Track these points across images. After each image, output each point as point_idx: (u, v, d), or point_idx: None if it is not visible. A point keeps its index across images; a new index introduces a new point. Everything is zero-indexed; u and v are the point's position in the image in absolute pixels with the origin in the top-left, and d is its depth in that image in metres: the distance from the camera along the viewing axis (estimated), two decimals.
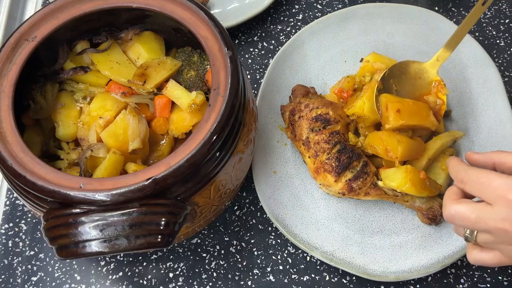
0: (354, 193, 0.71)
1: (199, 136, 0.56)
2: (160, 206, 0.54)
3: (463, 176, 0.56)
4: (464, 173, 0.56)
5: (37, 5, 0.97)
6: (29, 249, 0.75)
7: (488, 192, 0.53)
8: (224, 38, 0.61)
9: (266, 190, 0.75)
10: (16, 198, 0.79)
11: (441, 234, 0.72)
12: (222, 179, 0.61)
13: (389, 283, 0.72)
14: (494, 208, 0.52)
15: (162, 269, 0.73)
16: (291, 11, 0.93)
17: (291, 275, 0.72)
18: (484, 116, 0.78)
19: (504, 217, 0.51)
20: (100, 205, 0.53)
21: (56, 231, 0.53)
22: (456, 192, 0.57)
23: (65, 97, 0.68)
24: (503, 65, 0.86)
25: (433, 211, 0.70)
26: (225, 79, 0.59)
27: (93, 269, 0.74)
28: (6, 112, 0.58)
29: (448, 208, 0.56)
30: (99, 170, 0.62)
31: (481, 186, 0.54)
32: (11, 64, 0.61)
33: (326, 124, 0.73)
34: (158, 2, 0.64)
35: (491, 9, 0.91)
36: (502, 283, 0.71)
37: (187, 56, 0.70)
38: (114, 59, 0.69)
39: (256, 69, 0.88)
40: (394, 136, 0.70)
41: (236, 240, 0.75)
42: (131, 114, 0.65)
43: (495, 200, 0.52)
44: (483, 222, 0.53)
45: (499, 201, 0.52)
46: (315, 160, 0.72)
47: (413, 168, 0.69)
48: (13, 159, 0.55)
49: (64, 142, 0.68)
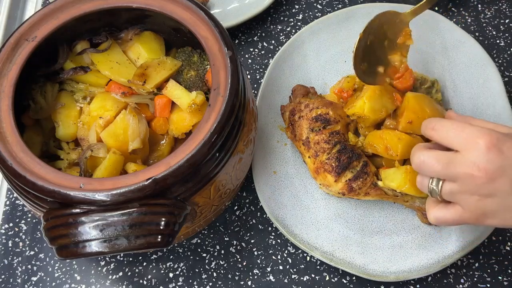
0: (354, 193, 0.71)
1: (199, 136, 0.56)
2: (160, 206, 0.54)
3: (435, 124, 0.56)
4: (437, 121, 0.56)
5: (37, 5, 0.97)
6: (29, 249, 0.75)
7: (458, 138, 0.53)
8: (224, 38, 0.61)
9: (266, 190, 0.75)
10: (16, 198, 0.79)
11: (441, 234, 0.72)
12: (222, 179, 0.61)
13: (389, 283, 0.72)
14: (464, 153, 0.52)
15: (162, 269, 0.73)
16: (291, 11, 0.93)
17: (291, 275, 0.73)
18: (484, 116, 0.78)
19: (473, 161, 0.51)
20: (100, 205, 0.53)
21: (56, 231, 0.53)
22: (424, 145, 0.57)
23: (65, 97, 0.68)
24: (503, 65, 0.86)
25: None
26: (225, 79, 0.59)
27: (93, 269, 0.74)
28: (6, 112, 0.58)
29: (417, 155, 0.55)
30: (99, 170, 0.62)
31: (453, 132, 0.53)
32: (11, 64, 0.61)
33: (326, 124, 0.73)
34: (158, 2, 0.64)
35: (491, 9, 0.91)
36: (502, 283, 0.71)
37: (187, 56, 0.70)
38: (114, 59, 0.69)
39: (256, 69, 0.88)
40: (395, 134, 0.70)
41: (236, 240, 0.75)
42: (131, 114, 0.65)
43: (465, 147, 0.52)
44: (452, 167, 0.52)
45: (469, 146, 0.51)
46: (315, 160, 0.73)
47: (413, 169, 0.69)
48: (13, 159, 0.55)
49: (64, 142, 0.68)
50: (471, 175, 0.51)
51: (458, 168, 0.52)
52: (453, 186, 0.54)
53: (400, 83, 0.75)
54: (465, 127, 0.53)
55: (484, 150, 0.51)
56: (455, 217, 0.56)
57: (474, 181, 0.51)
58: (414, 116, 0.70)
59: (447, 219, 0.56)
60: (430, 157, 0.54)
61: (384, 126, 0.73)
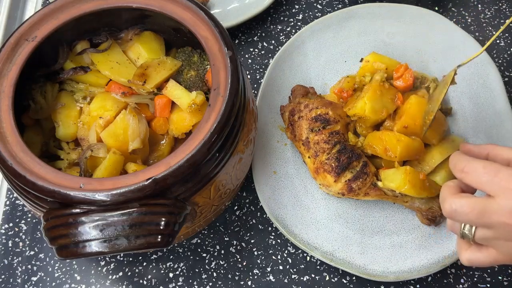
0: (354, 193, 0.71)
1: (199, 136, 0.56)
2: (160, 206, 0.53)
3: (465, 165, 0.53)
4: (466, 162, 0.53)
5: (37, 5, 0.97)
6: (29, 249, 0.75)
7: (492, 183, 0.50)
8: (224, 38, 0.61)
9: (266, 190, 0.75)
10: (16, 198, 0.79)
11: (441, 234, 0.72)
12: (222, 179, 0.61)
13: (389, 283, 0.72)
14: (498, 200, 0.49)
15: (162, 269, 0.73)
16: (291, 11, 0.93)
17: (291, 275, 0.73)
18: (484, 116, 0.78)
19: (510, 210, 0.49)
20: (100, 205, 0.53)
21: (56, 231, 0.53)
22: (454, 187, 0.55)
23: (65, 97, 0.68)
24: (503, 65, 0.86)
25: (433, 211, 0.70)
26: (225, 79, 0.59)
27: (93, 269, 0.74)
28: (6, 112, 0.58)
29: (449, 202, 0.53)
30: (99, 170, 0.62)
31: (485, 176, 0.51)
32: (11, 64, 0.61)
33: (325, 124, 0.73)
34: (158, 2, 0.64)
35: (491, 9, 0.91)
36: (502, 283, 0.71)
37: (187, 56, 0.70)
38: (114, 59, 0.69)
39: (256, 69, 0.88)
40: (394, 136, 0.70)
41: (236, 240, 0.75)
42: (131, 114, 0.65)
43: (499, 192, 0.50)
44: (487, 216, 0.50)
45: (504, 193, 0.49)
46: (315, 160, 0.72)
47: (412, 169, 0.69)
48: (13, 159, 0.55)
49: (64, 142, 0.68)
50: (507, 224, 0.49)
51: (494, 217, 0.50)
52: (487, 233, 0.52)
53: (400, 83, 0.75)
54: (498, 171, 0.51)
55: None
56: (490, 260, 0.54)
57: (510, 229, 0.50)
58: (411, 122, 0.70)
59: (481, 262, 0.55)
60: (462, 206, 0.52)
61: (384, 127, 0.73)
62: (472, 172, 0.53)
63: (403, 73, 0.75)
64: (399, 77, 0.75)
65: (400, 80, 0.75)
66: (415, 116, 0.70)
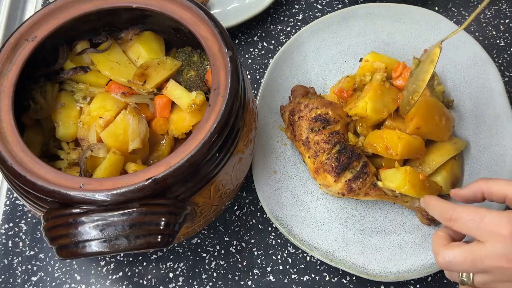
0: (354, 193, 0.71)
1: (199, 136, 0.56)
2: (160, 206, 0.54)
3: (451, 214, 0.55)
4: (452, 211, 0.55)
5: (37, 5, 0.97)
6: (29, 249, 0.75)
7: (479, 229, 0.52)
8: (224, 38, 0.61)
9: (266, 190, 0.75)
10: (16, 198, 0.79)
11: None
12: (222, 179, 0.61)
13: (389, 283, 0.72)
14: (488, 245, 0.51)
15: (162, 269, 0.73)
16: (291, 11, 0.93)
17: (291, 275, 0.73)
18: (484, 116, 0.78)
19: (500, 253, 0.50)
20: (100, 205, 0.53)
21: (56, 231, 0.53)
22: (443, 236, 0.56)
23: (65, 97, 0.68)
24: (503, 65, 0.86)
25: None
26: (225, 79, 0.59)
27: (93, 269, 0.74)
28: (6, 112, 0.58)
29: (442, 255, 0.54)
30: (99, 170, 0.62)
31: (471, 223, 0.52)
32: (11, 64, 0.61)
33: (325, 124, 0.73)
34: (158, 2, 0.64)
35: (491, 9, 0.91)
36: None
37: (187, 56, 0.70)
38: (114, 59, 0.69)
39: (256, 69, 0.88)
40: (395, 134, 0.70)
41: (236, 240, 0.75)
42: (131, 114, 0.65)
43: (487, 238, 0.51)
44: (480, 263, 0.51)
45: (492, 237, 0.51)
46: (315, 160, 0.72)
47: (412, 169, 0.69)
48: (13, 159, 0.55)
49: (64, 142, 0.68)
50: (501, 268, 0.51)
51: (486, 263, 0.51)
52: (485, 277, 0.53)
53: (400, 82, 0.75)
54: (483, 216, 0.52)
55: (509, 240, 0.50)
56: None
57: (505, 272, 0.51)
58: (423, 122, 0.70)
59: None
60: (455, 257, 0.53)
61: (385, 126, 0.73)
62: (459, 220, 0.54)
63: (402, 72, 0.75)
64: (398, 76, 0.75)
65: (400, 79, 0.75)
66: (426, 116, 0.70)
